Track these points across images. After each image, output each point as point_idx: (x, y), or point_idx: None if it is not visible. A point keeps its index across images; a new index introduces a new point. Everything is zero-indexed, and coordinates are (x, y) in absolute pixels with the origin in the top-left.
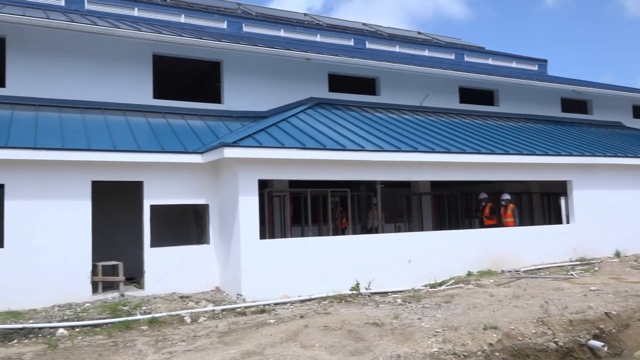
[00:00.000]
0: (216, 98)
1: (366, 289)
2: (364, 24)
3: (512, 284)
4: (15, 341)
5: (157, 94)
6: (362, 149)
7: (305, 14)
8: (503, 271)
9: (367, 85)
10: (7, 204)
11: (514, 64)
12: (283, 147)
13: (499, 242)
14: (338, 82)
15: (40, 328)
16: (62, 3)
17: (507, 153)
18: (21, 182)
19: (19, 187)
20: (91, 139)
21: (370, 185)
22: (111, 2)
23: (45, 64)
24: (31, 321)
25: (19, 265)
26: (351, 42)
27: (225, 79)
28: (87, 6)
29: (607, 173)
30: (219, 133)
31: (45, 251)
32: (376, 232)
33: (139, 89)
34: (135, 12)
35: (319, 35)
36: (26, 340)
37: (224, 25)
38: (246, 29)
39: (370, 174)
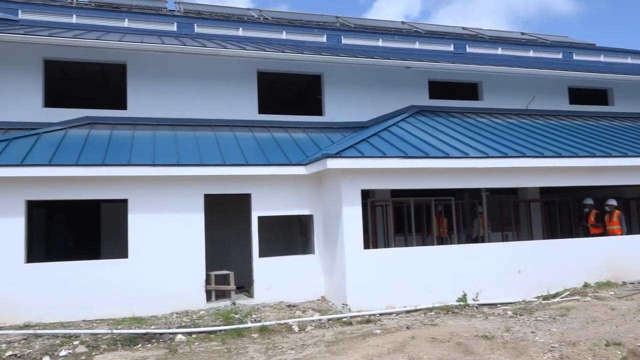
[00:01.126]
0: (317, 110)
1: (474, 300)
2: (463, 28)
3: (636, 296)
4: (140, 345)
5: (262, 109)
6: (466, 156)
7: (403, 22)
8: (624, 282)
9: (469, 90)
10: (130, 217)
11: (629, 60)
12: (385, 156)
13: (618, 250)
14: (438, 88)
15: (161, 334)
16: (174, 28)
17: (625, 155)
18: (142, 197)
19: (140, 201)
20: (203, 154)
21: (475, 193)
22: (217, 24)
23: (161, 86)
24: (153, 327)
25: (141, 275)
26: (451, 48)
27: (325, 91)
28: (197, 29)
29: None
30: (321, 145)
31: (164, 261)
32: (482, 241)
33: (244, 105)
34: (240, 32)
35: (417, 43)
36: (149, 345)
37: (324, 39)
38: (345, 41)
39: (475, 181)
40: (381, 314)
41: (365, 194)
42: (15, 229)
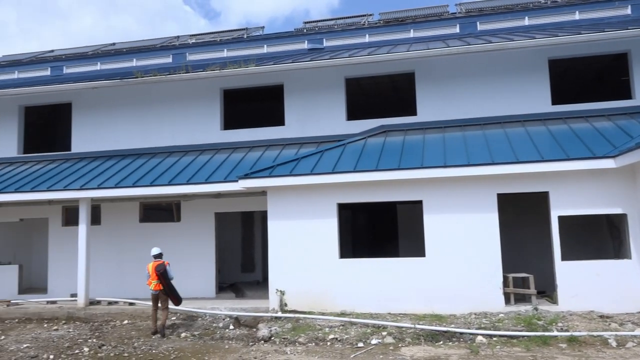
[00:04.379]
0: (624, 93)
1: None
2: None
3: None
4: (441, 342)
5: (555, 99)
6: None
7: None
8: None
9: None
10: (426, 218)
11: None
12: None
13: None
14: None
15: (461, 333)
16: (457, 30)
17: None
18: (435, 198)
19: (434, 202)
20: (493, 152)
21: None
22: (501, 17)
23: (447, 88)
24: (453, 326)
25: (437, 273)
26: None
27: (635, 70)
28: (479, 27)
29: None
30: (633, 132)
31: (460, 261)
32: None
33: (535, 97)
34: (526, 22)
35: None
36: (450, 343)
37: (628, 11)
38: None
39: None
40: None
41: None
42: (331, 228)
